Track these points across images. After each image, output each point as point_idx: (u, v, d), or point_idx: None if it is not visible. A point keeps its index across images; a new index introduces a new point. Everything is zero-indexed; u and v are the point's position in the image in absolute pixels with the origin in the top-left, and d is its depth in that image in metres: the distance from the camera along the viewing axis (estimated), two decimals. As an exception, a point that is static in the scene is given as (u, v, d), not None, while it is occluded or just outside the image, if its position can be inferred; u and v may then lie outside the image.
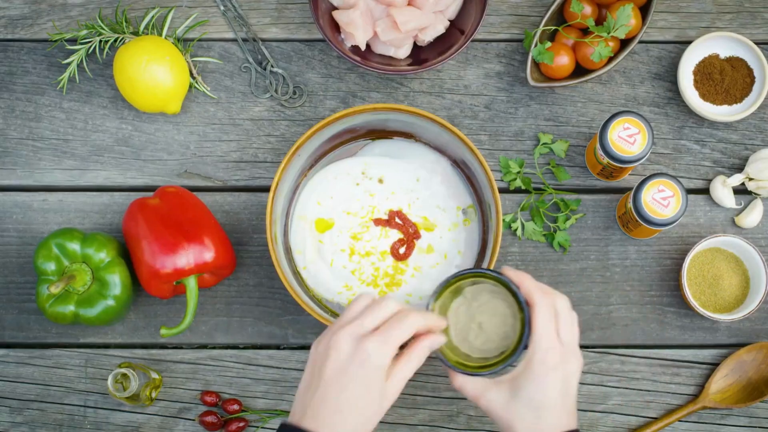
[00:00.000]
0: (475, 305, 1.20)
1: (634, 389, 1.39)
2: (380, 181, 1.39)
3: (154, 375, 1.36)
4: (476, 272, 1.19)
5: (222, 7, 1.44)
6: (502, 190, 1.42)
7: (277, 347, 1.40)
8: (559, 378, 1.13)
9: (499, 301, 1.19)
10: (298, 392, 1.12)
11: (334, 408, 1.08)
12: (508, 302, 1.19)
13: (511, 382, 1.14)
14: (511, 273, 1.17)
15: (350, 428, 1.09)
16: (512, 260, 1.40)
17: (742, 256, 1.36)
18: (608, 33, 1.37)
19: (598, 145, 1.31)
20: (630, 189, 1.40)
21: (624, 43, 1.40)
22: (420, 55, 1.42)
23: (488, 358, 1.19)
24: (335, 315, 1.36)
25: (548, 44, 1.38)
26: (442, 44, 1.41)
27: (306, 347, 1.40)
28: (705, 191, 1.42)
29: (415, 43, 1.43)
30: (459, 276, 1.19)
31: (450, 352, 1.19)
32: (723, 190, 1.40)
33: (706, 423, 1.38)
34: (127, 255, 1.36)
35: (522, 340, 1.15)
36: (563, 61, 1.38)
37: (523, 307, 1.15)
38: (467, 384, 1.16)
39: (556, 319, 1.14)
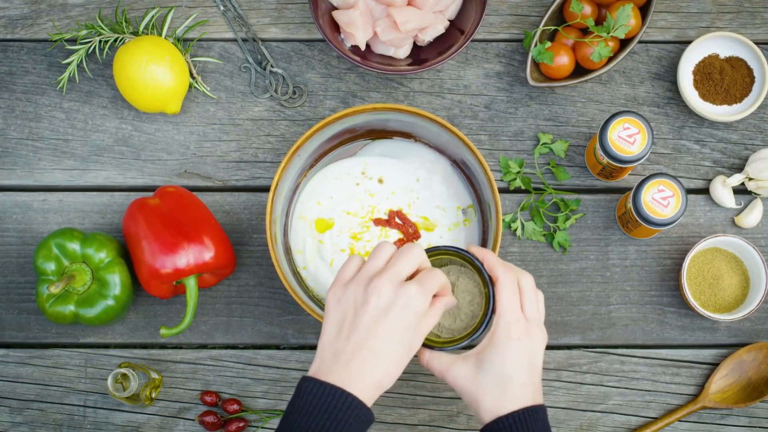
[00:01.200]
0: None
1: (634, 389, 1.39)
2: (380, 181, 1.39)
3: (154, 375, 1.36)
4: (441, 249, 1.19)
5: (222, 7, 1.44)
6: (502, 190, 1.42)
7: (277, 347, 1.40)
8: (524, 350, 1.13)
9: (467, 280, 1.20)
10: (322, 342, 1.10)
11: (371, 354, 1.08)
12: (475, 281, 1.20)
13: (476, 356, 1.14)
14: (475, 249, 1.18)
15: (382, 375, 1.08)
16: (512, 260, 1.40)
17: (742, 256, 1.37)
18: (608, 33, 1.37)
19: (598, 145, 1.31)
20: (630, 189, 1.40)
21: (624, 43, 1.40)
22: (420, 55, 1.42)
23: (455, 337, 1.20)
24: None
25: (548, 44, 1.38)
26: (442, 44, 1.41)
27: (306, 347, 1.40)
28: (705, 191, 1.42)
29: (415, 43, 1.43)
30: (428, 254, 1.19)
31: None
32: (723, 190, 1.40)
33: (706, 423, 1.38)
34: (127, 255, 1.36)
35: (487, 315, 1.16)
36: (563, 61, 1.38)
37: (487, 282, 1.17)
38: (434, 359, 1.17)
39: (520, 295, 1.15)
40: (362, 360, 1.07)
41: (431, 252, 1.19)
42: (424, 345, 1.18)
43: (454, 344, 1.18)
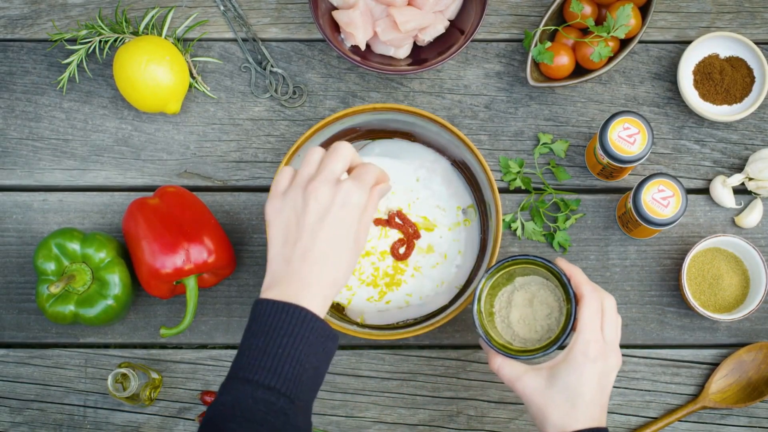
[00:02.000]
0: (523, 294, 1.23)
1: (634, 389, 1.39)
2: (380, 181, 1.39)
3: (154, 375, 1.36)
4: (529, 259, 1.21)
5: (222, 7, 1.44)
6: (502, 190, 1.42)
7: (277, 347, 1.40)
8: (598, 371, 1.14)
9: (548, 293, 1.23)
10: (271, 254, 1.12)
11: (320, 255, 1.09)
12: (556, 295, 1.22)
13: (549, 370, 1.16)
14: (564, 264, 1.20)
15: (335, 275, 1.10)
16: (512, 260, 1.40)
17: (742, 256, 1.37)
18: (608, 33, 1.37)
19: (598, 145, 1.31)
20: (630, 189, 1.40)
21: (624, 43, 1.40)
22: (420, 55, 1.42)
23: (528, 349, 1.21)
24: (335, 315, 1.36)
25: (548, 44, 1.38)
26: (442, 44, 1.41)
27: (306, 347, 1.40)
28: (705, 191, 1.42)
29: (415, 43, 1.43)
30: (512, 261, 1.22)
31: (492, 334, 1.22)
32: (723, 190, 1.40)
33: (706, 423, 1.38)
34: (127, 255, 1.36)
35: (566, 330, 1.18)
36: (563, 61, 1.38)
37: (570, 298, 1.18)
38: (505, 367, 1.18)
39: (601, 316, 1.16)
40: (312, 262, 1.09)
41: (516, 260, 1.21)
42: (500, 350, 1.19)
43: (530, 354, 1.19)
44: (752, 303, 1.34)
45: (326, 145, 1.37)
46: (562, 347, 1.19)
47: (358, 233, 1.12)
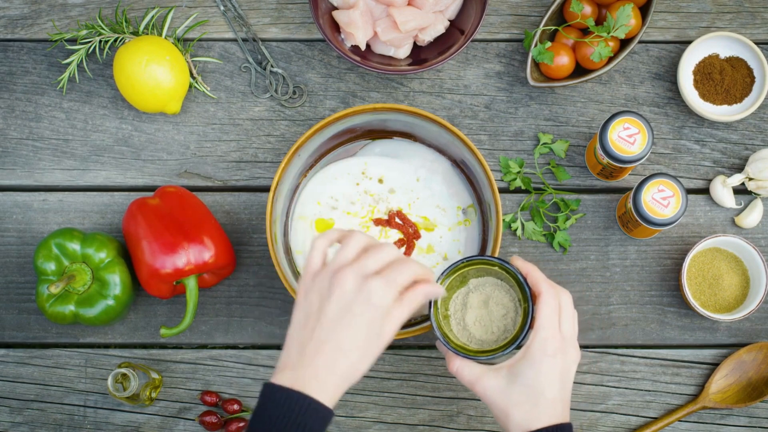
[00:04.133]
0: (478, 295, 1.22)
1: (634, 389, 1.39)
2: (380, 181, 1.39)
3: (154, 375, 1.36)
4: (483, 259, 1.21)
5: (222, 7, 1.44)
6: (502, 190, 1.42)
7: (277, 347, 1.40)
8: (558, 367, 1.14)
9: (503, 294, 1.22)
10: (290, 333, 1.10)
11: (335, 346, 1.08)
12: (511, 296, 1.21)
13: (509, 369, 1.15)
14: (520, 263, 1.19)
15: (347, 368, 1.08)
16: (512, 260, 1.40)
17: (742, 256, 1.36)
18: (608, 33, 1.37)
19: (598, 145, 1.31)
20: (630, 189, 1.40)
21: (624, 43, 1.40)
22: (420, 55, 1.42)
23: (485, 350, 1.20)
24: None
25: (548, 44, 1.38)
26: (442, 44, 1.41)
27: (306, 347, 1.40)
28: (705, 191, 1.42)
29: (415, 43, 1.43)
30: (466, 262, 1.21)
31: (450, 337, 1.21)
32: (723, 190, 1.40)
33: (706, 423, 1.38)
34: (127, 255, 1.36)
35: (524, 329, 1.17)
36: (563, 61, 1.38)
37: (528, 297, 1.18)
38: (464, 368, 1.17)
39: (558, 312, 1.16)
40: (326, 353, 1.07)
41: (471, 261, 1.20)
42: (458, 351, 1.19)
43: (489, 354, 1.19)
44: (752, 303, 1.34)
45: (325, 144, 1.38)
46: (519, 346, 1.19)
47: (381, 333, 1.09)
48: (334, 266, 1.11)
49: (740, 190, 1.42)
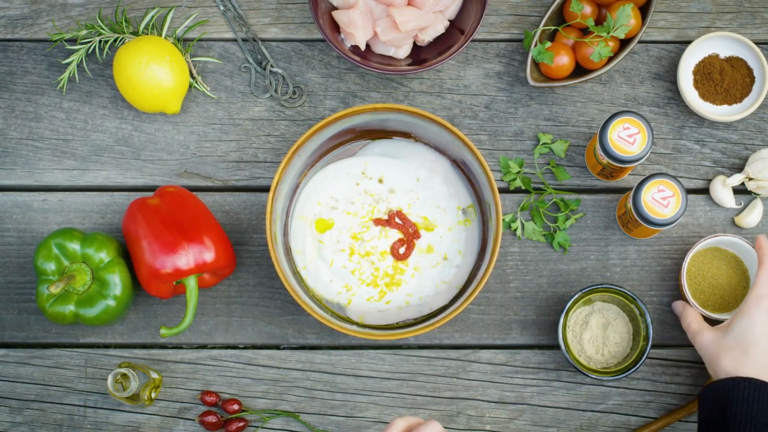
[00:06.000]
0: (599, 318, 1.35)
1: (634, 389, 1.39)
2: (380, 181, 1.39)
3: (154, 375, 1.36)
4: (615, 289, 1.34)
5: (222, 7, 1.44)
6: (502, 190, 1.42)
7: (277, 347, 1.40)
8: None
9: (622, 324, 1.36)
10: None
11: None
12: (628, 328, 1.35)
13: (726, 324, 1.26)
14: (764, 242, 1.29)
15: None
16: (512, 260, 1.40)
17: (742, 256, 1.36)
18: (608, 33, 1.37)
19: (598, 145, 1.31)
20: (630, 189, 1.40)
21: (624, 43, 1.40)
22: (420, 55, 1.42)
23: (593, 369, 1.34)
24: (335, 315, 1.36)
25: (548, 44, 1.38)
26: (442, 44, 1.41)
27: (306, 347, 1.40)
28: (705, 191, 1.42)
29: (415, 43, 1.43)
30: (596, 290, 1.33)
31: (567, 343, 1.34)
32: (723, 190, 1.40)
33: (706, 423, 1.38)
34: (127, 255, 1.36)
35: (639, 361, 1.32)
36: (563, 61, 1.38)
37: (644, 314, 1.32)
38: (694, 321, 1.29)
39: None
40: None
41: (601, 288, 1.34)
42: (702, 311, 1.33)
43: (598, 375, 1.33)
44: None
45: (325, 144, 1.38)
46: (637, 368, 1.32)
47: None
48: None
49: (740, 190, 1.42)
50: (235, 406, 1.37)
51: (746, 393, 1.19)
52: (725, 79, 1.40)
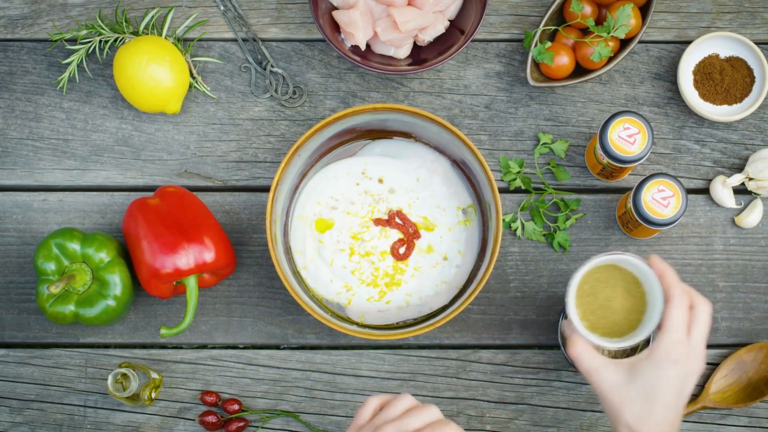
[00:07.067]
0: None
1: (634, 389, 1.39)
2: (380, 181, 1.39)
3: (154, 375, 1.36)
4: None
5: (222, 7, 1.44)
6: (502, 190, 1.42)
7: (277, 347, 1.40)
8: (680, 374, 1.12)
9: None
10: None
11: None
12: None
13: (630, 366, 1.13)
14: (657, 263, 1.16)
15: None
16: (512, 260, 1.40)
17: (641, 278, 1.19)
18: (608, 33, 1.37)
19: (598, 145, 1.31)
20: (630, 189, 1.40)
21: (624, 43, 1.40)
22: (420, 55, 1.42)
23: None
24: (335, 315, 1.36)
25: (548, 44, 1.38)
26: (442, 44, 1.41)
27: (306, 347, 1.40)
28: (705, 191, 1.42)
29: (415, 43, 1.43)
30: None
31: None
32: (723, 190, 1.40)
33: (706, 423, 1.38)
34: (127, 255, 1.36)
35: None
36: (563, 61, 1.38)
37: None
38: (586, 355, 1.15)
39: (692, 320, 1.14)
40: None
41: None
42: (589, 334, 1.16)
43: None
44: (644, 332, 1.17)
45: (325, 144, 1.38)
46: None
47: None
48: (378, 421, 1.12)
49: (740, 190, 1.42)
50: (235, 406, 1.37)
51: None
52: (725, 79, 1.40)
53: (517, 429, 1.38)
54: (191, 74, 1.43)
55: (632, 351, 1.32)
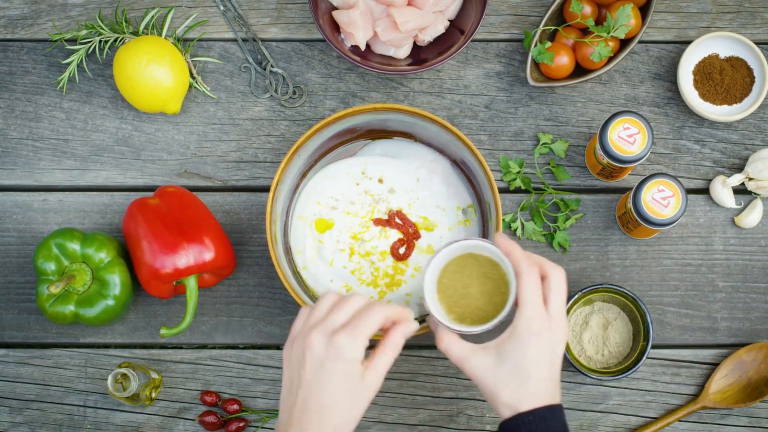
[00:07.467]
0: (600, 318, 1.33)
1: (634, 389, 1.39)
2: (380, 181, 1.39)
3: (154, 375, 1.36)
4: (614, 288, 1.32)
5: (222, 7, 1.44)
6: (502, 190, 1.42)
7: (277, 347, 1.40)
8: (544, 345, 1.13)
9: (623, 324, 1.35)
10: (281, 400, 1.14)
11: (317, 406, 1.10)
12: (628, 328, 1.34)
13: (496, 348, 1.14)
14: (502, 240, 1.17)
15: (335, 424, 1.10)
16: (512, 260, 1.40)
17: (497, 259, 1.19)
18: (608, 33, 1.37)
19: (598, 145, 1.31)
20: (630, 189, 1.40)
21: (624, 43, 1.40)
22: (420, 55, 1.42)
23: (593, 369, 1.31)
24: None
25: (548, 44, 1.38)
26: (442, 44, 1.41)
27: (306, 347, 1.40)
28: (705, 191, 1.42)
29: (415, 43, 1.43)
30: (599, 288, 1.30)
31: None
32: (723, 190, 1.40)
33: (706, 423, 1.38)
34: (127, 255, 1.36)
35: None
36: (563, 61, 1.38)
37: (648, 324, 1.30)
38: (454, 346, 1.16)
39: (546, 289, 1.15)
40: (311, 414, 1.10)
41: (603, 288, 1.30)
42: (449, 327, 1.18)
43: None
44: (504, 312, 1.17)
45: (325, 144, 1.38)
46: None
47: (361, 385, 1.11)
48: (305, 329, 1.13)
49: (740, 190, 1.42)
50: (235, 406, 1.37)
51: (533, 427, 1.11)
52: (725, 79, 1.40)
53: (517, 429, 1.38)
54: (191, 74, 1.43)
55: None
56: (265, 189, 1.42)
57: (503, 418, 1.13)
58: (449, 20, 1.42)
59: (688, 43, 1.43)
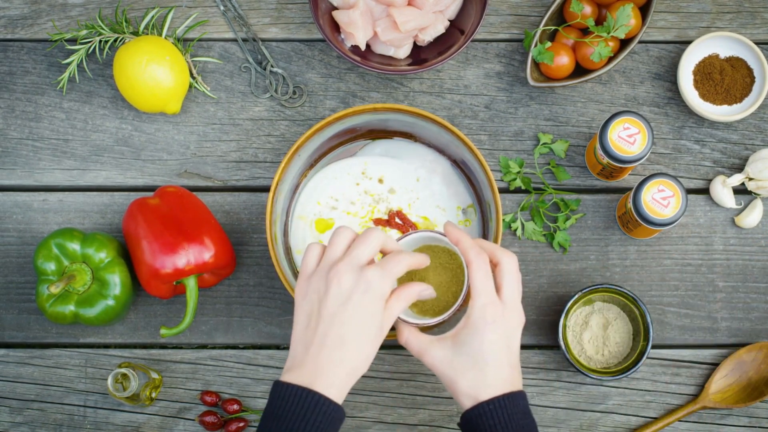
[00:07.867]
0: (600, 318, 1.34)
1: (634, 389, 1.39)
2: (380, 181, 1.39)
3: (154, 375, 1.36)
4: (615, 289, 1.33)
5: (222, 7, 1.44)
6: (502, 190, 1.42)
7: (277, 347, 1.40)
8: (500, 332, 1.13)
9: (623, 324, 1.35)
10: (294, 336, 1.12)
11: (337, 340, 1.09)
12: (628, 328, 1.35)
13: (453, 338, 1.14)
14: (451, 230, 1.17)
15: (352, 360, 1.09)
16: (512, 260, 1.40)
17: (449, 247, 1.20)
18: (608, 33, 1.37)
19: (598, 145, 1.31)
20: (630, 189, 1.40)
21: (624, 43, 1.40)
22: (420, 55, 1.42)
23: (592, 368, 1.32)
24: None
25: (548, 44, 1.38)
26: (442, 44, 1.41)
27: (306, 347, 1.40)
28: (705, 191, 1.42)
29: (415, 43, 1.43)
30: (599, 288, 1.32)
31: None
32: (723, 190, 1.40)
33: (706, 423, 1.38)
34: (127, 255, 1.36)
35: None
36: (563, 61, 1.38)
37: (648, 324, 1.31)
38: (412, 339, 1.16)
39: (498, 277, 1.15)
40: (331, 348, 1.08)
41: (603, 288, 1.32)
42: (407, 321, 1.18)
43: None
44: (457, 302, 1.18)
45: (325, 144, 1.38)
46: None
47: (381, 322, 1.11)
48: (327, 264, 1.12)
49: (740, 190, 1.42)
50: (235, 406, 1.37)
51: (494, 416, 1.11)
52: (725, 79, 1.40)
53: (517, 429, 1.38)
54: (191, 74, 1.43)
55: None
56: (265, 189, 1.42)
57: (464, 408, 1.13)
58: (449, 20, 1.42)
59: (688, 43, 1.43)
